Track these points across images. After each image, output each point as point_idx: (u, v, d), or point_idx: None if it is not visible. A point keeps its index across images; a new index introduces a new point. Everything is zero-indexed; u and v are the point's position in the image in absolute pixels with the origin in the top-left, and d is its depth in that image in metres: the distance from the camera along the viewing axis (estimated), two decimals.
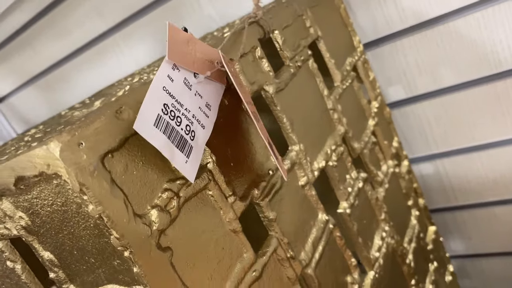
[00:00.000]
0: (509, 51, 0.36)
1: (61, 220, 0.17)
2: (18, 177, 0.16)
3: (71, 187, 0.15)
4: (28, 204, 0.18)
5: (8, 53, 0.67)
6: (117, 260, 0.17)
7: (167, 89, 0.18)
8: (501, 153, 0.41)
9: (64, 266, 0.19)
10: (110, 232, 0.15)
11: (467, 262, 0.49)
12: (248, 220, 0.22)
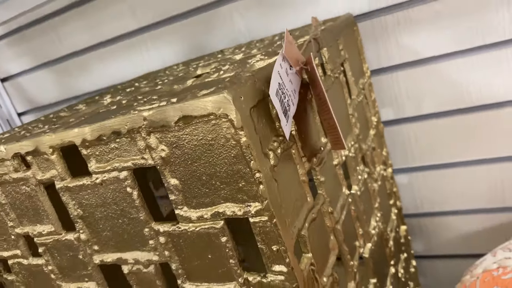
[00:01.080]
0: (480, 91, 0.47)
1: (203, 151, 0.24)
2: (183, 116, 0.23)
3: (235, 125, 0.22)
4: (176, 139, 0.24)
5: (29, 35, 0.70)
6: (242, 182, 0.24)
7: (279, 73, 0.26)
8: (463, 171, 0.51)
9: (185, 190, 0.26)
10: (251, 159, 0.23)
11: (425, 262, 0.58)
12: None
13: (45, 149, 0.29)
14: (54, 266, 0.34)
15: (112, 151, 0.27)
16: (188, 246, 0.27)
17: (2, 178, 0.32)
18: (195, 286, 0.28)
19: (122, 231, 0.29)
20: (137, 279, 0.31)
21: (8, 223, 0.34)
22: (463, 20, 0.45)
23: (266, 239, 0.25)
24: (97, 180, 0.28)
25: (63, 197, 0.30)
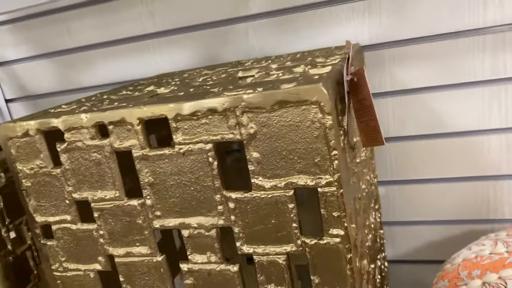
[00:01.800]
0: (454, 120, 0.57)
1: (288, 131, 0.29)
2: (280, 101, 0.29)
3: (324, 111, 0.28)
4: (266, 119, 0.30)
5: (34, 25, 0.72)
6: (318, 158, 0.29)
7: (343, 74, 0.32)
8: (433, 187, 0.61)
9: (264, 162, 0.31)
10: (331, 139, 0.28)
11: (392, 266, 0.66)
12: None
13: (131, 120, 0.33)
14: (105, 231, 0.37)
15: (202, 125, 0.31)
16: (254, 212, 0.32)
17: (74, 144, 0.35)
18: (253, 248, 0.33)
19: (190, 198, 0.34)
20: (194, 242, 0.35)
21: (67, 188, 0.37)
22: (447, 61, 0.55)
23: (329, 206, 0.30)
24: (181, 150, 0.32)
25: (137, 165, 0.34)
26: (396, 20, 0.55)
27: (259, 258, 0.33)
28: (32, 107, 0.78)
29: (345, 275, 0.32)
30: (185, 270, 0.36)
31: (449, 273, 0.43)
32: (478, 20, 0.53)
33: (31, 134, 0.36)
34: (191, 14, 0.63)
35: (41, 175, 0.37)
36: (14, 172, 0.38)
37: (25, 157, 0.37)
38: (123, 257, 0.37)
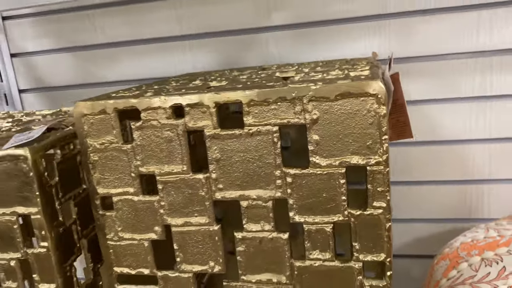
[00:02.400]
0: (448, 130, 0.65)
1: (346, 118, 0.36)
2: (342, 92, 0.35)
3: (380, 102, 0.34)
4: (328, 107, 0.36)
5: (59, 19, 0.75)
6: (370, 141, 0.36)
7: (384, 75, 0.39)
8: (427, 188, 0.69)
9: (322, 144, 0.37)
10: (383, 125, 0.35)
11: None
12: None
13: (208, 103, 0.38)
14: (166, 202, 0.42)
15: (271, 110, 0.37)
16: (308, 186, 0.38)
17: (149, 123, 0.40)
18: (304, 218, 0.39)
19: (252, 173, 0.39)
20: (250, 213, 0.40)
21: (134, 162, 0.41)
22: (443, 78, 0.64)
23: (375, 182, 0.37)
24: (250, 131, 0.38)
25: (208, 143, 0.39)
26: (403, 41, 0.64)
27: (309, 227, 0.39)
28: (46, 99, 0.81)
29: (383, 242, 0.38)
30: (239, 238, 0.41)
31: (449, 254, 0.50)
32: (471, 45, 0.62)
33: (107, 112, 0.41)
34: (217, 21, 0.69)
35: (110, 150, 0.42)
36: (84, 147, 0.42)
37: (96, 133, 0.42)
38: (180, 227, 0.42)
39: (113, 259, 0.45)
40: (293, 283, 0.41)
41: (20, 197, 0.44)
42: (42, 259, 0.45)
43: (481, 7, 0.60)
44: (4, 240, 0.46)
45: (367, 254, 0.39)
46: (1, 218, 0.45)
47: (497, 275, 0.42)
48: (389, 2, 0.62)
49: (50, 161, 0.46)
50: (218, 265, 0.42)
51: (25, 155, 0.42)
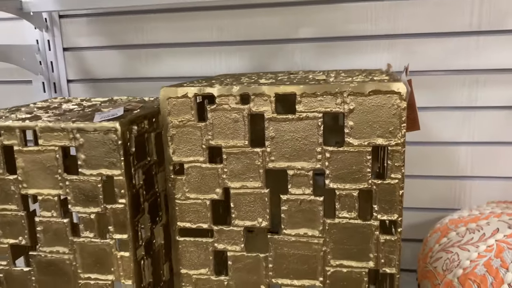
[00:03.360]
0: (438, 133, 0.78)
1: (375, 109, 0.48)
2: (375, 90, 0.47)
3: (402, 98, 0.46)
4: (362, 100, 0.48)
5: (111, 20, 0.86)
6: (392, 128, 0.48)
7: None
8: (414, 182, 0.81)
9: (354, 128, 0.49)
10: (403, 116, 0.47)
11: None
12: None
13: (270, 93, 0.50)
14: (228, 169, 0.53)
15: (318, 101, 0.49)
16: (342, 160, 0.50)
17: (221, 106, 0.51)
18: (337, 185, 0.51)
19: (298, 149, 0.51)
20: (294, 180, 0.52)
21: (206, 137, 0.52)
22: (438, 90, 0.77)
23: (394, 159, 0.49)
24: (300, 116, 0.50)
25: (266, 124, 0.51)
26: (407, 57, 0.77)
27: (340, 192, 0.51)
28: (90, 89, 0.91)
29: (397, 205, 0.50)
30: (284, 199, 0.52)
31: (440, 228, 0.62)
32: (462, 64, 0.76)
33: (189, 96, 0.52)
34: (251, 32, 0.81)
35: (187, 126, 0.53)
36: (165, 122, 0.53)
37: (176, 112, 0.53)
38: (238, 189, 0.53)
39: (178, 215, 0.56)
40: (324, 236, 0.52)
41: (107, 161, 0.54)
42: (119, 213, 0.56)
43: (472, 34, 0.74)
44: (87, 197, 0.56)
45: (383, 214, 0.50)
46: (88, 178, 0.55)
47: (478, 239, 0.54)
48: (397, 25, 0.75)
49: (130, 134, 0.56)
50: (265, 221, 0.54)
51: (116, 127, 0.53)
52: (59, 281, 0.59)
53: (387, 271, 0.52)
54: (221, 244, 0.55)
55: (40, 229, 0.58)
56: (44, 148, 0.55)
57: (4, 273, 0.61)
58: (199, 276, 0.57)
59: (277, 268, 0.54)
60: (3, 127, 0.56)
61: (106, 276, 0.58)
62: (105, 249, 0.57)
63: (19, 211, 0.58)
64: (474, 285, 0.50)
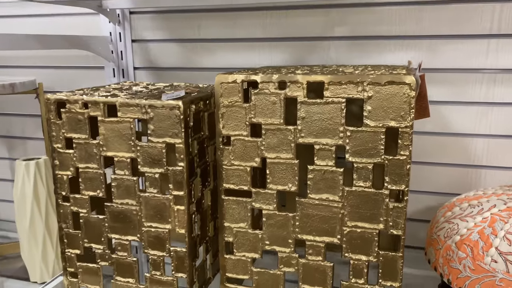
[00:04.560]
0: (456, 125, 0.86)
1: (389, 97, 0.57)
2: (389, 80, 0.57)
3: (412, 88, 0.56)
4: (379, 89, 0.57)
5: (172, 18, 0.99)
6: (402, 113, 0.57)
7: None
8: (436, 168, 0.89)
9: (371, 111, 0.58)
10: (412, 103, 0.56)
11: None
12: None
13: (302, 81, 0.60)
14: (265, 142, 0.64)
15: (342, 88, 0.59)
16: (360, 138, 0.60)
17: (262, 90, 0.62)
18: (355, 159, 0.61)
19: (324, 127, 0.61)
20: (320, 153, 0.62)
21: (249, 115, 0.64)
22: (458, 87, 0.85)
23: (403, 139, 0.58)
24: (327, 100, 0.60)
25: (298, 106, 0.61)
26: (430, 56, 0.85)
27: (357, 164, 0.61)
28: (153, 76, 1.05)
29: (404, 177, 0.59)
30: (310, 169, 0.63)
31: (448, 205, 0.71)
32: (481, 64, 0.83)
33: (237, 82, 0.63)
34: (292, 30, 0.92)
35: (235, 106, 0.64)
36: (217, 103, 0.65)
37: (226, 95, 0.65)
38: (273, 159, 0.64)
39: (224, 178, 0.68)
40: (343, 201, 0.63)
41: (171, 132, 0.67)
42: (178, 174, 0.68)
43: (491, 36, 0.81)
44: (153, 160, 0.69)
45: (393, 184, 0.60)
46: (155, 145, 0.68)
47: (477, 212, 0.63)
48: (422, 27, 0.84)
49: (190, 111, 0.69)
50: (294, 186, 0.65)
51: (180, 105, 0.66)
52: (126, 228, 0.73)
53: (394, 233, 0.61)
54: (257, 203, 0.67)
55: (114, 185, 0.72)
56: (121, 119, 0.69)
57: (84, 219, 0.76)
58: (239, 229, 0.69)
59: (302, 226, 0.65)
60: (91, 101, 0.70)
61: (164, 225, 0.71)
62: (165, 203, 0.70)
63: (99, 169, 0.73)
64: (468, 248, 0.59)
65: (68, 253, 0.78)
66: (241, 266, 0.70)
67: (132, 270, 0.75)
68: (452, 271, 0.61)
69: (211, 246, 0.82)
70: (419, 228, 0.93)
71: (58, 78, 1.11)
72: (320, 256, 0.65)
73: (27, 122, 1.19)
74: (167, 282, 0.73)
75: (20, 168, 0.86)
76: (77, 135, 0.72)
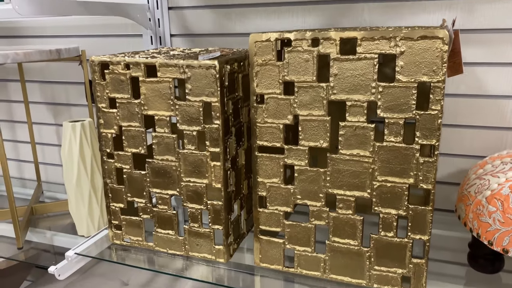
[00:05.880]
0: (491, 87, 0.84)
1: (422, 51, 0.57)
2: (422, 35, 0.57)
3: (445, 42, 0.56)
4: (411, 44, 0.58)
5: None
6: (435, 67, 0.57)
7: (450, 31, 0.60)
8: (470, 131, 0.88)
9: (404, 67, 0.59)
10: (445, 57, 0.56)
11: None
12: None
13: (336, 38, 0.61)
14: (298, 100, 0.66)
15: (374, 44, 0.60)
16: (392, 94, 0.60)
17: (296, 48, 0.64)
18: (386, 114, 0.61)
19: (357, 83, 0.62)
20: (352, 110, 0.63)
21: (282, 73, 0.66)
22: (494, 48, 0.83)
23: (435, 93, 0.58)
24: (359, 56, 0.61)
25: (331, 63, 0.62)
26: (466, 16, 0.83)
27: (389, 120, 0.62)
28: (189, 42, 1.07)
29: (435, 132, 0.60)
30: (342, 125, 0.64)
31: (480, 163, 0.71)
32: None
33: (271, 40, 0.65)
34: None
35: (268, 64, 0.66)
36: (252, 61, 0.67)
37: (261, 53, 0.66)
38: (305, 116, 0.66)
39: (258, 135, 0.70)
40: (373, 156, 0.64)
41: (207, 91, 0.70)
42: (214, 132, 0.71)
43: None
44: (191, 118, 0.73)
45: (424, 139, 0.61)
46: (193, 103, 0.71)
47: (509, 168, 0.63)
48: None
49: (225, 71, 0.71)
50: (325, 142, 0.66)
51: (215, 64, 0.68)
52: (166, 183, 0.78)
53: (424, 187, 0.62)
54: (290, 159, 0.69)
55: (155, 142, 0.76)
56: (161, 79, 0.72)
57: (127, 175, 0.80)
58: (272, 184, 0.71)
59: (333, 181, 0.67)
60: (132, 63, 0.74)
61: (202, 180, 0.75)
62: (202, 159, 0.74)
63: (141, 127, 0.77)
64: (498, 202, 0.59)
65: (112, 207, 0.84)
66: (274, 219, 0.73)
67: (171, 223, 0.80)
68: (482, 225, 0.61)
69: (245, 203, 0.85)
70: (452, 191, 0.93)
71: (99, 47, 1.16)
72: (350, 210, 0.67)
73: (70, 90, 1.25)
74: (204, 233, 0.78)
75: (67, 129, 0.92)
76: (120, 95, 0.76)
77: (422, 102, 0.62)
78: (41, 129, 1.33)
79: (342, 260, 0.70)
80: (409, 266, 0.66)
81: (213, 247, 0.78)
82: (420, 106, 0.61)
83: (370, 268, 0.69)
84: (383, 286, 0.69)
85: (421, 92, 0.62)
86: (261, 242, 0.75)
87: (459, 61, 0.62)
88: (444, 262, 0.78)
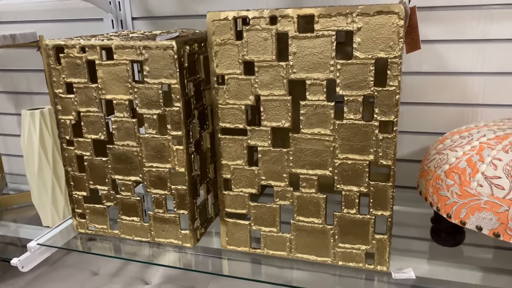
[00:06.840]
0: (453, 64, 0.85)
1: (378, 27, 0.57)
2: (378, 10, 0.56)
3: (400, 17, 0.56)
4: (368, 19, 0.57)
5: None
6: (391, 43, 0.57)
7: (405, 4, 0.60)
8: (433, 108, 0.90)
9: (362, 44, 0.59)
10: (400, 32, 0.56)
11: None
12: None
13: (293, 15, 0.60)
14: (259, 80, 0.65)
15: (332, 21, 0.59)
16: (350, 71, 0.60)
17: (254, 27, 0.63)
18: (345, 92, 0.61)
19: (315, 62, 0.61)
20: (311, 89, 0.63)
21: (241, 53, 0.65)
22: (455, 25, 0.84)
23: (393, 69, 0.58)
24: (317, 34, 0.60)
25: (290, 41, 0.62)
26: None
27: (348, 98, 0.62)
28: (150, 25, 1.05)
29: (393, 108, 0.60)
30: (303, 104, 0.64)
31: (440, 139, 0.72)
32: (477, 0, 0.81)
33: (228, 19, 0.64)
34: None
35: (226, 44, 0.65)
36: (210, 41, 0.66)
37: (219, 32, 0.65)
38: (266, 96, 0.65)
39: (220, 117, 0.69)
40: (334, 134, 0.64)
41: (166, 72, 0.68)
42: (175, 115, 0.70)
43: None
44: (151, 101, 0.71)
45: (382, 116, 0.61)
46: (151, 86, 0.70)
47: (466, 142, 0.64)
48: None
49: (184, 51, 0.70)
50: (287, 122, 0.66)
51: (173, 45, 0.66)
52: (128, 168, 0.76)
53: (384, 163, 0.63)
54: (253, 140, 0.68)
55: (115, 127, 0.74)
56: (118, 62, 0.70)
57: (88, 162, 0.78)
58: (236, 166, 0.71)
59: (296, 160, 0.67)
60: (87, 45, 0.71)
61: (165, 164, 0.73)
62: (164, 143, 0.72)
63: (99, 113, 0.75)
64: (456, 176, 0.61)
65: (75, 195, 0.82)
66: (239, 201, 0.72)
67: (136, 209, 0.78)
68: (441, 199, 0.62)
69: (212, 187, 0.85)
70: (415, 168, 0.94)
71: (59, 32, 1.12)
72: (314, 188, 0.67)
73: (31, 77, 1.20)
74: (169, 219, 0.77)
75: (26, 118, 0.89)
76: (77, 80, 0.73)
77: (381, 79, 0.62)
78: (2, 119, 1.28)
79: (307, 239, 0.70)
80: (372, 242, 0.67)
81: (179, 232, 0.77)
82: (379, 84, 0.61)
83: (334, 246, 0.69)
84: (348, 263, 0.69)
85: (380, 70, 0.62)
86: (228, 225, 0.75)
87: (417, 37, 0.62)
88: (408, 238, 0.79)
